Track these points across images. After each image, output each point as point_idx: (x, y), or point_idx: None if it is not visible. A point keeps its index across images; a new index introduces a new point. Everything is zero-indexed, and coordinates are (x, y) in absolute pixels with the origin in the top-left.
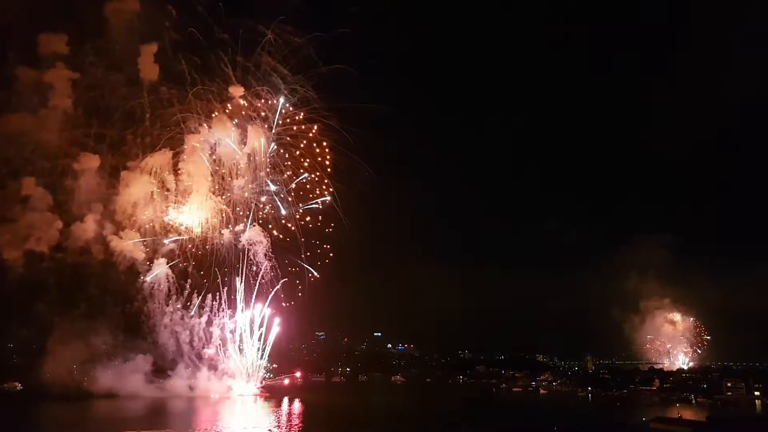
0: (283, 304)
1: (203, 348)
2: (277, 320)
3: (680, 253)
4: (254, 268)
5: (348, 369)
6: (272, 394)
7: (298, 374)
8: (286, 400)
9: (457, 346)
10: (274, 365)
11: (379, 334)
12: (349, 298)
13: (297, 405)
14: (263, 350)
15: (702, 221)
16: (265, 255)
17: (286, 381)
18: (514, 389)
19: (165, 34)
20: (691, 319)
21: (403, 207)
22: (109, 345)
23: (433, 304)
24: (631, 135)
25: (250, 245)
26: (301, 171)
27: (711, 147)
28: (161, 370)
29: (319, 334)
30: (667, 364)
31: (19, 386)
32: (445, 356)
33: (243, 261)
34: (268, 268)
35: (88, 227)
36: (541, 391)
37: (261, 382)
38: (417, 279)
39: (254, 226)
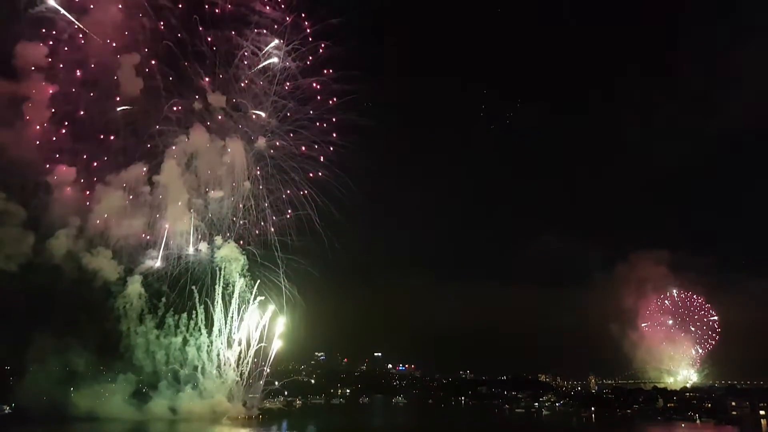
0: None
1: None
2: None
3: (679, 269)
4: (230, 288)
5: (348, 390)
6: (268, 417)
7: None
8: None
9: (458, 366)
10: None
11: (379, 354)
12: (348, 317)
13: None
14: (246, 370)
15: (701, 237)
16: (240, 273)
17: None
18: (516, 410)
19: (140, 46)
20: (692, 336)
21: (400, 223)
22: (86, 366)
23: (433, 322)
24: (627, 149)
25: (226, 262)
26: None
27: (710, 161)
28: (141, 391)
29: (319, 354)
30: (670, 383)
31: (7, 409)
32: (446, 377)
33: (219, 278)
34: (244, 285)
35: (61, 243)
36: (544, 412)
37: (247, 404)
38: (416, 297)
39: (229, 242)
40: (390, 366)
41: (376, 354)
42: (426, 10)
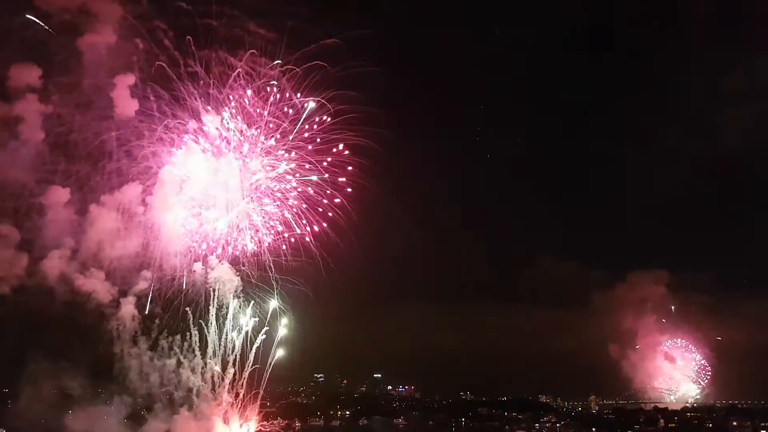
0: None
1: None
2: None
3: (678, 289)
4: (224, 309)
5: (347, 412)
6: None
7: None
8: None
9: (458, 387)
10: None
11: (379, 375)
12: (347, 338)
13: None
14: (242, 391)
15: (701, 257)
16: (234, 294)
17: (277, 426)
18: (517, 431)
19: (135, 67)
20: (692, 356)
21: (399, 244)
22: (80, 389)
23: (433, 343)
24: (626, 170)
25: (220, 283)
26: None
27: (709, 178)
28: (137, 414)
29: (318, 376)
30: (671, 400)
31: None
32: (446, 398)
33: (213, 300)
34: (238, 307)
35: (54, 265)
36: None
37: (243, 426)
38: (416, 318)
39: (223, 263)
40: (390, 387)
41: (375, 375)
42: (424, 31)
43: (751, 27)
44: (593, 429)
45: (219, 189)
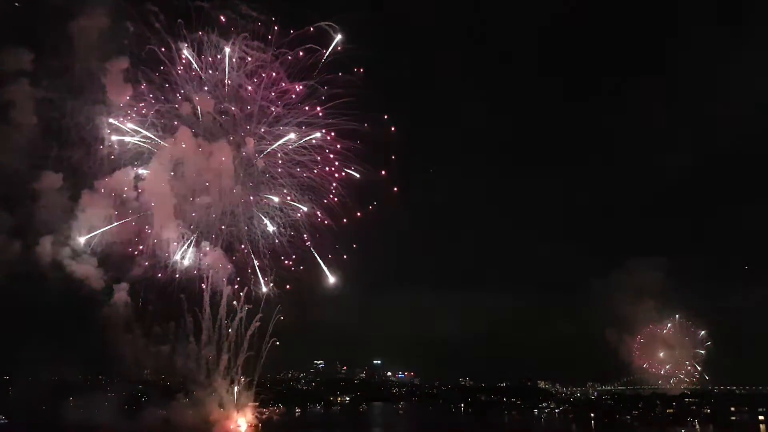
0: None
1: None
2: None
3: (677, 276)
4: (218, 297)
5: (347, 398)
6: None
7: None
8: None
9: (458, 373)
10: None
11: (379, 361)
12: (346, 325)
13: None
14: (239, 377)
15: (699, 244)
16: (227, 281)
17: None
18: (516, 416)
19: (127, 52)
20: (690, 342)
21: (399, 233)
22: (78, 376)
23: (433, 330)
24: (625, 156)
25: (211, 270)
26: None
27: (709, 165)
28: (134, 400)
29: (318, 362)
30: (669, 385)
31: (3, 419)
32: (445, 384)
33: (207, 286)
34: (231, 293)
35: (47, 251)
36: (543, 418)
37: (240, 412)
38: (415, 305)
39: (216, 249)
40: (389, 373)
41: (375, 361)
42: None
43: None
44: (592, 414)
45: (212, 174)
